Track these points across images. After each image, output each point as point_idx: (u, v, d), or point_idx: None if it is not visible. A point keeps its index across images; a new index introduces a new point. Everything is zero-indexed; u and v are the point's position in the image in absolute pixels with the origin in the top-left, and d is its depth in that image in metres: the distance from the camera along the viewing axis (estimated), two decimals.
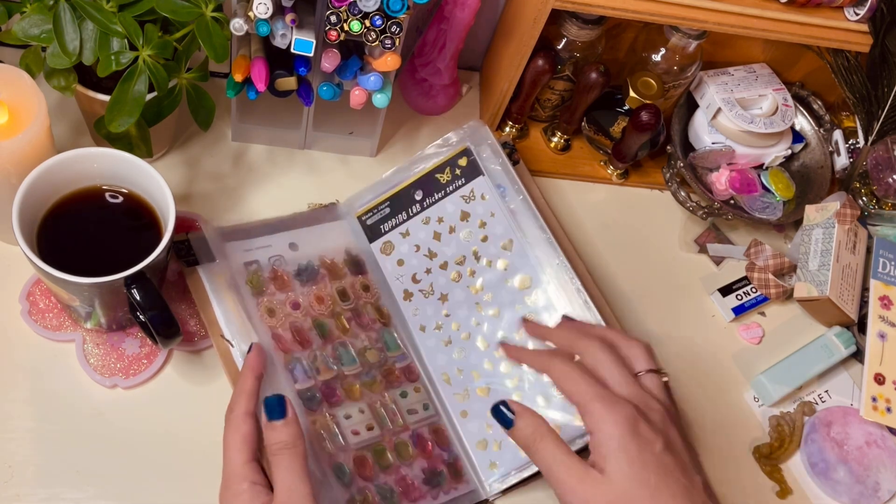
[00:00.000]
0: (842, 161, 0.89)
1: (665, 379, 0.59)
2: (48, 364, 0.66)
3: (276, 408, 0.58)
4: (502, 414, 0.58)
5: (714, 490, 0.56)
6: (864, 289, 0.82)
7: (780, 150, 0.86)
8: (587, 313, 0.69)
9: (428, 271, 0.72)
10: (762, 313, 0.84)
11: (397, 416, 0.67)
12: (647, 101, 0.81)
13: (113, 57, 0.62)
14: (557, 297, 0.69)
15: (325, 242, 0.73)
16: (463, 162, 0.73)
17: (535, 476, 0.67)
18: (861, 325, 0.80)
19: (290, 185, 0.80)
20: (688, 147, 0.87)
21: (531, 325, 0.67)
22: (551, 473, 0.55)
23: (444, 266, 0.72)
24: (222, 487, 0.57)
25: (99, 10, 0.62)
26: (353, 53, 0.70)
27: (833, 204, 0.82)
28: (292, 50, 0.65)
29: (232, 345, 0.66)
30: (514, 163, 0.80)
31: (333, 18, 0.63)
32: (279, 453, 0.57)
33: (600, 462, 0.54)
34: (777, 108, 0.84)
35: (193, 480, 0.64)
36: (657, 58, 0.83)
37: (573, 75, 0.84)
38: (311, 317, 0.69)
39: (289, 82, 0.70)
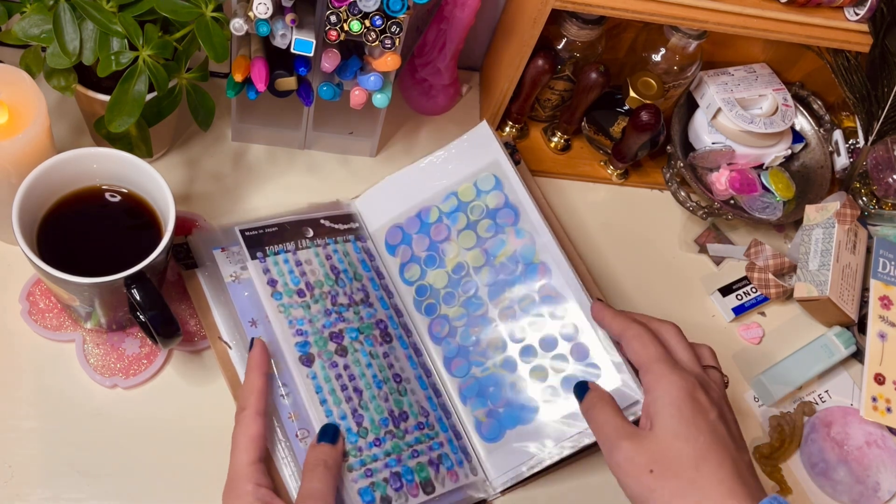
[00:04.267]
0: (842, 161, 0.89)
1: (726, 381, 0.61)
2: (48, 364, 0.66)
3: (329, 434, 0.61)
4: (580, 389, 0.61)
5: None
6: (864, 289, 0.82)
7: (780, 150, 0.86)
8: (587, 313, 0.69)
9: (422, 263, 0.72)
10: (762, 313, 0.84)
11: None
12: (647, 101, 0.81)
13: (113, 57, 0.62)
14: (556, 297, 0.69)
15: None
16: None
17: (534, 477, 0.67)
18: (861, 325, 0.80)
19: (290, 185, 0.80)
20: (688, 147, 0.87)
21: (599, 307, 0.66)
22: (601, 432, 0.56)
23: (451, 261, 0.72)
24: (227, 487, 0.57)
25: (99, 10, 0.62)
26: (353, 53, 0.70)
27: (833, 204, 0.82)
28: (292, 50, 0.65)
29: (230, 347, 0.66)
30: (516, 163, 0.81)
31: (333, 18, 0.63)
32: (316, 468, 0.59)
33: (650, 420, 0.55)
34: (777, 108, 0.84)
35: (193, 480, 0.64)
36: (657, 58, 0.83)
37: (573, 75, 0.84)
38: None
39: (289, 82, 0.70)
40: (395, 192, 0.76)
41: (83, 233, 0.63)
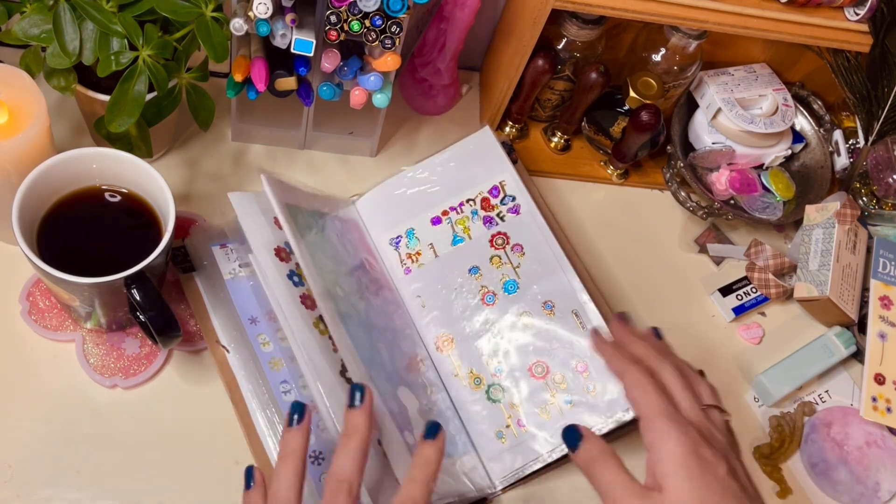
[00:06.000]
0: (842, 161, 0.89)
1: (727, 419, 0.58)
2: (48, 364, 0.66)
3: (358, 392, 0.57)
4: (570, 436, 0.57)
5: None
6: (865, 289, 0.82)
7: (780, 150, 0.86)
8: (586, 312, 0.69)
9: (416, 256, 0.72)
10: (762, 313, 0.84)
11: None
12: (647, 101, 0.81)
13: (113, 57, 0.62)
14: (554, 296, 0.69)
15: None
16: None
17: (535, 474, 0.67)
18: (861, 325, 0.80)
19: None
20: (688, 147, 0.87)
21: (598, 341, 0.63)
22: (609, 494, 0.53)
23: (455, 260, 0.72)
24: None
25: (99, 10, 0.62)
26: (353, 53, 0.70)
27: (833, 204, 0.82)
28: (292, 50, 0.65)
29: (228, 350, 0.66)
30: (513, 162, 0.80)
31: (333, 18, 0.63)
32: (351, 434, 0.56)
33: (658, 480, 0.52)
34: (777, 108, 0.84)
35: (193, 480, 0.64)
36: (657, 58, 0.83)
37: (573, 75, 0.84)
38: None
39: (289, 82, 0.70)
40: (396, 198, 0.75)
41: (83, 233, 0.63)
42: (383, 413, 0.61)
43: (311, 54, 0.65)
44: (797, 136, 0.88)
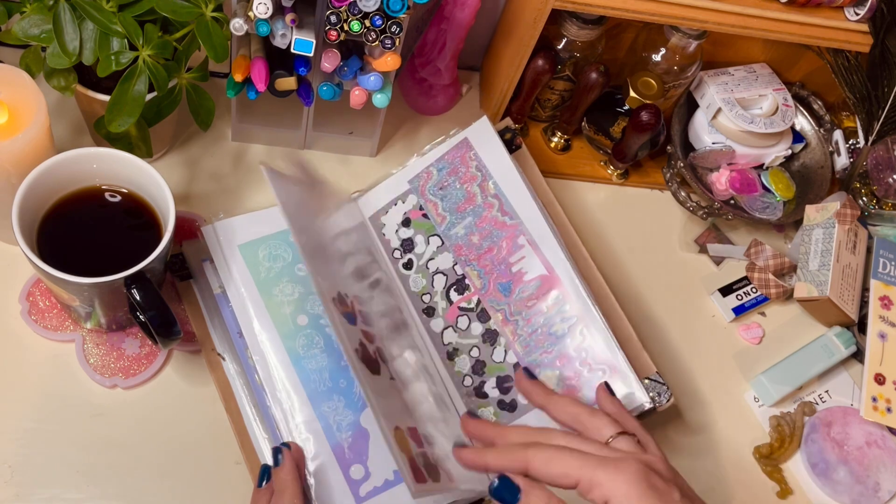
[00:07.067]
0: (842, 161, 0.89)
1: (636, 438, 0.56)
2: (48, 364, 0.66)
3: (278, 454, 0.62)
4: (506, 490, 0.51)
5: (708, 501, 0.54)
6: (865, 289, 0.82)
7: (780, 150, 0.86)
8: (585, 304, 0.68)
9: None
10: (762, 313, 0.84)
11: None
12: (647, 101, 0.81)
13: (113, 57, 0.62)
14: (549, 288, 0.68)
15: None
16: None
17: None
18: (861, 325, 0.80)
19: None
20: (688, 147, 0.87)
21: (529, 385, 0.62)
22: None
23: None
24: None
25: (99, 10, 0.62)
26: (353, 53, 0.70)
27: (833, 204, 0.82)
28: (292, 50, 0.65)
29: (224, 359, 0.67)
30: (517, 147, 0.79)
31: (333, 18, 0.63)
32: (281, 491, 0.61)
33: None
34: (777, 108, 0.84)
35: (193, 480, 0.64)
36: (657, 58, 0.83)
37: (573, 75, 0.84)
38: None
39: (289, 82, 0.70)
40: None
41: (83, 233, 0.63)
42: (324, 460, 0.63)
43: (311, 54, 0.65)
44: (797, 136, 0.88)
